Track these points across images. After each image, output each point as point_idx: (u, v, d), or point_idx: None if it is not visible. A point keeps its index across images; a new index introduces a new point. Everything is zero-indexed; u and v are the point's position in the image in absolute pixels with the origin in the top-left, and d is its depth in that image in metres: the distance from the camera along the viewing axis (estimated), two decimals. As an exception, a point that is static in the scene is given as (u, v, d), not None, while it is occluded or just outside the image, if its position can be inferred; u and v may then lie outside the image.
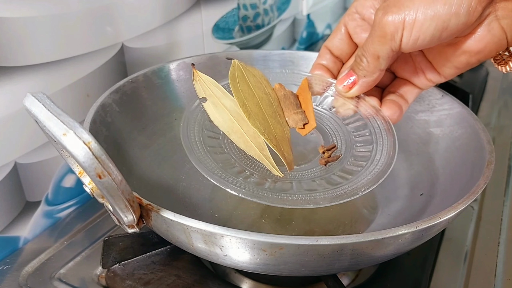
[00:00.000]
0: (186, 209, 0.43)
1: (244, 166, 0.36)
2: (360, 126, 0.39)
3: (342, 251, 0.28)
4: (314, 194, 0.33)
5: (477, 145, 0.38)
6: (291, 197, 0.33)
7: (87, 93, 0.47)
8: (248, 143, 0.37)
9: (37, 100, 0.26)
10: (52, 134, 0.25)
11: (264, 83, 0.40)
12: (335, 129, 0.40)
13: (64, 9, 0.43)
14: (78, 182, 0.49)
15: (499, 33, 0.31)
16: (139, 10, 0.51)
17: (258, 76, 0.41)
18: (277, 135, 0.37)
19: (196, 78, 0.41)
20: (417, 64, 0.37)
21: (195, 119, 0.38)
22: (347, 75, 0.36)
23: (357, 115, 0.39)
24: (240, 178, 0.34)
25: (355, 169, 0.36)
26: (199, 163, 0.34)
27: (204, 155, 0.36)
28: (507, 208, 0.49)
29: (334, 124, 0.40)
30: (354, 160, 0.37)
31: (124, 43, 0.51)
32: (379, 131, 0.37)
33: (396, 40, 0.31)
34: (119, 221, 0.30)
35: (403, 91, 0.38)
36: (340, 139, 0.39)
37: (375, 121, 0.38)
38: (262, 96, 0.39)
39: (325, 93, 0.40)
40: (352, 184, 0.34)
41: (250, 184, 0.34)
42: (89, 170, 0.25)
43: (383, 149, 0.36)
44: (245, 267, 0.31)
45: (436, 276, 0.40)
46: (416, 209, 0.41)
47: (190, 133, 0.37)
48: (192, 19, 0.60)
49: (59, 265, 0.41)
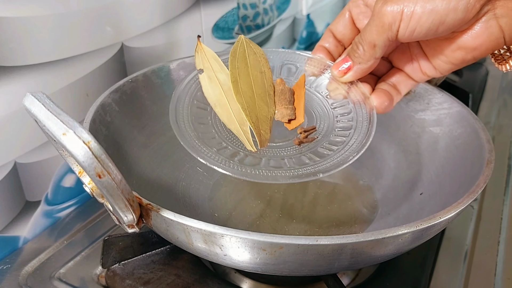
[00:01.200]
0: (185, 208, 0.43)
1: (223, 138, 0.37)
2: (345, 112, 0.39)
3: (342, 250, 0.28)
4: (276, 171, 0.34)
5: (477, 144, 0.38)
6: (254, 171, 0.34)
7: (86, 93, 0.47)
8: (231, 118, 0.38)
9: (36, 100, 0.26)
10: (51, 133, 0.25)
11: (262, 61, 0.41)
12: (323, 112, 0.40)
13: (63, 9, 0.43)
14: (78, 181, 0.49)
15: (497, 31, 0.31)
16: (138, 9, 0.51)
17: (258, 54, 0.42)
18: (259, 114, 0.38)
19: (199, 50, 0.42)
20: (414, 55, 0.37)
21: (189, 89, 0.39)
22: (343, 60, 0.37)
23: (346, 101, 0.39)
24: (214, 148, 0.36)
25: (325, 152, 0.37)
26: (177, 128, 0.35)
27: (187, 123, 0.36)
28: (507, 207, 0.49)
29: (322, 108, 0.40)
30: (328, 144, 0.37)
31: (124, 43, 0.50)
32: (361, 119, 0.38)
33: (393, 30, 0.32)
34: (119, 221, 0.30)
35: (397, 81, 0.39)
36: (323, 123, 0.39)
37: (361, 109, 0.38)
38: (256, 75, 0.40)
39: (321, 75, 0.41)
40: (316, 166, 0.35)
41: (222, 155, 0.35)
42: (89, 169, 0.25)
43: (358, 137, 0.37)
44: (245, 267, 0.31)
45: (436, 275, 0.40)
46: (415, 208, 0.41)
47: (180, 102, 0.38)
48: (191, 18, 0.60)
49: (59, 265, 0.41)
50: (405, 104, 0.49)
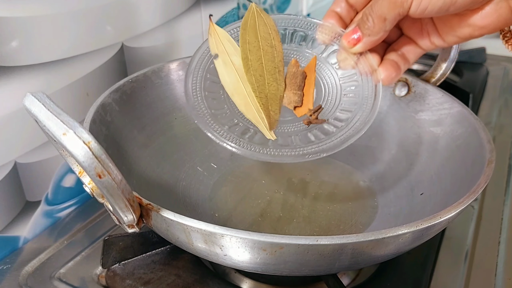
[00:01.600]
0: (186, 208, 0.43)
1: (235, 114, 0.38)
2: (353, 85, 0.40)
3: (342, 250, 0.28)
4: (283, 150, 0.36)
5: (478, 144, 0.38)
6: (262, 150, 0.36)
7: (87, 93, 0.47)
8: (248, 106, 0.38)
9: (37, 100, 0.26)
10: (52, 133, 0.25)
11: (273, 34, 0.41)
12: (331, 85, 0.41)
13: (64, 8, 0.43)
14: (78, 181, 0.49)
15: (506, 12, 0.31)
16: (139, 9, 0.51)
17: (269, 25, 0.41)
18: (269, 93, 0.38)
19: (211, 32, 0.41)
20: (424, 26, 0.38)
21: (201, 63, 0.40)
22: (353, 31, 0.37)
23: (354, 73, 0.40)
24: (226, 126, 0.37)
25: (330, 129, 0.37)
26: (193, 107, 0.37)
27: (201, 100, 0.37)
28: (508, 207, 0.49)
29: (331, 80, 0.41)
30: (333, 120, 0.38)
31: (124, 43, 0.50)
32: (367, 95, 0.38)
33: (405, 7, 0.32)
34: (119, 221, 0.30)
35: (406, 50, 0.39)
36: (331, 96, 0.40)
37: (367, 82, 0.39)
38: (266, 49, 0.40)
39: (332, 44, 0.41)
40: (321, 145, 0.37)
41: (233, 133, 0.36)
42: (89, 169, 0.25)
43: (362, 115, 0.38)
44: (245, 267, 0.31)
45: (436, 275, 0.40)
46: (416, 208, 0.41)
47: (193, 75, 0.39)
48: (192, 18, 0.60)
49: (59, 265, 0.41)
50: (406, 104, 0.49)
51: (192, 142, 0.49)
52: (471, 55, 0.84)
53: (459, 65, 0.81)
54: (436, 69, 0.48)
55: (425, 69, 0.84)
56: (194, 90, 0.38)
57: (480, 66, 0.83)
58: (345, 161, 0.51)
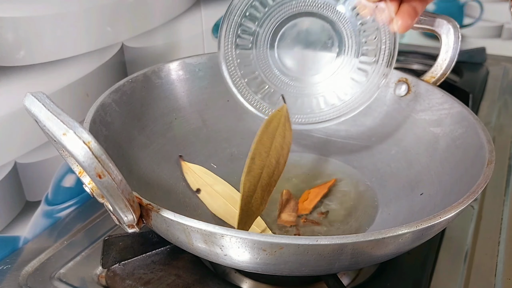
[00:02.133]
0: (186, 208, 0.43)
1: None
2: (371, 34, 0.42)
3: (342, 251, 0.28)
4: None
5: (477, 144, 0.38)
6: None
7: (86, 93, 0.47)
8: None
9: (37, 100, 0.26)
10: (52, 133, 0.25)
11: (284, 150, 0.41)
12: (350, 35, 0.43)
13: (64, 8, 0.43)
14: (78, 182, 0.49)
15: None
16: (139, 10, 0.51)
17: (286, 139, 0.42)
18: (250, 208, 0.37)
19: (186, 170, 0.45)
20: None
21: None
22: None
23: (372, 21, 0.41)
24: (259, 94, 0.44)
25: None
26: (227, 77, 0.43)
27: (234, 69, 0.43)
28: (507, 207, 0.49)
29: (349, 28, 0.43)
30: (354, 73, 0.43)
31: (124, 43, 0.51)
32: (384, 46, 0.41)
33: None
34: (119, 221, 0.30)
35: (415, 2, 0.40)
36: (350, 45, 0.43)
37: (385, 31, 0.41)
38: (271, 163, 0.40)
39: None
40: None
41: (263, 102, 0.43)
42: (89, 169, 0.25)
43: (380, 68, 0.42)
44: (245, 267, 0.31)
45: (436, 275, 0.40)
46: (416, 208, 0.41)
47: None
48: (192, 18, 0.60)
49: (59, 265, 0.41)
50: (406, 104, 0.49)
51: (192, 143, 0.49)
52: (471, 55, 0.84)
53: (459, 65, 0.81)
54: (436, 69, 0.48)
55: (425, 69, 0.84)
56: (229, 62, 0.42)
57: (480, 66, 0.83)
58: (345, 161, 0.51)
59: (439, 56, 0.48)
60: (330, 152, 0.52)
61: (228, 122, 0.52)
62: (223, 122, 0.52)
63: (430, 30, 0.48)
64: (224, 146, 0.51)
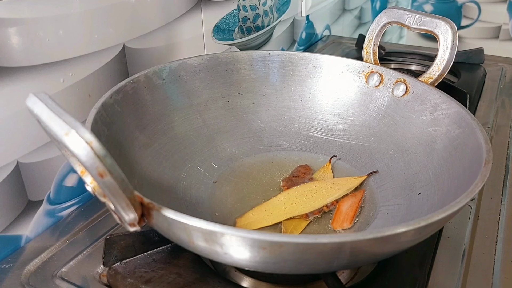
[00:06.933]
0: (186, 207, 0.43)
1: None
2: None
3: (341, 249, 0.28)
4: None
5: (475, 145, 0.39)
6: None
7: (88, 93, 0.48)
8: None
9: (39, 100, 0.26)
10: (54, 133, 0.25)
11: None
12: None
13: (65, 10, 0.43)
14: (79, 181, 0.49)
15: None
16: (140, 11, 0.52)
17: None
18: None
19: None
20: None
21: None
22: None
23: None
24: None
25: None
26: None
27: None
28: (505, 207, 0.49)
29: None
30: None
31: (125, 44, 0.51)
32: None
33: None
34: (120, 220, 0.30)
35: None
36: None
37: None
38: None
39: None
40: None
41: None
42: (91, 169, 0.25)
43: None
44: (245, 265, 0.31)
45: (434, 274, 0.40)
46: (414, 208, 0.41)
47: None
48: (192, 20, 0.60)
49: (61, 264, 0.41)
50: (404, 104, 0.49)
51: (192, 142, 0.50)
52: (469, 56, 0.84)
53: (457, 65, 0.81)
54: (434, 69, 0.48)
55: (423, 69, 0.84)
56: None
57: (478, 67, 0.83)
58: (343, 161, 0.51)
59: (437, 57, 0.48)
60: (329, 151, 0.52)
61: (228, 122, 0.53)
62: (223, 122, 0.52)
63: (428, 31, 0.48)
64: (224, 146, 0.51)
